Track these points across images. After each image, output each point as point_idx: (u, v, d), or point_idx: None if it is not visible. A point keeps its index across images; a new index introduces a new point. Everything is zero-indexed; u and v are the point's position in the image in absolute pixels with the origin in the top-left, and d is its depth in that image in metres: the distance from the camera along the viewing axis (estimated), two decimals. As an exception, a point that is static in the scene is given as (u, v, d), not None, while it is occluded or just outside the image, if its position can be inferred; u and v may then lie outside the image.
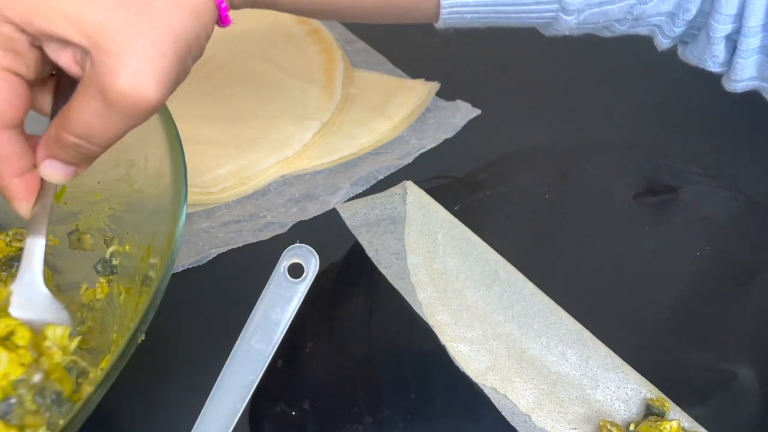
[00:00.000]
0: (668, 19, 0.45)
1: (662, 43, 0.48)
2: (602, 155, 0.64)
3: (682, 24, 0.45)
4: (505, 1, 0.43)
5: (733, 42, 0.45)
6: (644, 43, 0.51)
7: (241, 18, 0.74)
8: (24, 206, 0.39)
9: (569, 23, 0.44)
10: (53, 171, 0.38)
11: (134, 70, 0.34)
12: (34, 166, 0.39)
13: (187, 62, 0.38)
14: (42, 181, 0.39)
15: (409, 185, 0.54)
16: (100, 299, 0.47)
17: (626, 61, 0.49)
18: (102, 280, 0.48)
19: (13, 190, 0.39)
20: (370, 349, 0.50)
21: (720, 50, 0.46)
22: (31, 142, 0.39)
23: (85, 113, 0.36)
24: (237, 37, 0.73)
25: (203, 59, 0.70)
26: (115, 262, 0.48)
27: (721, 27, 0.44)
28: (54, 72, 0.39)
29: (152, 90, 0.35)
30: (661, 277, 0.56)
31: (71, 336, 0.42)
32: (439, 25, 0.45)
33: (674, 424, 0.44)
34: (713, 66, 0.47)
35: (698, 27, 0.46)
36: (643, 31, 0.47)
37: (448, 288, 0.51)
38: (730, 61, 0.47)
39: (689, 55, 0.48)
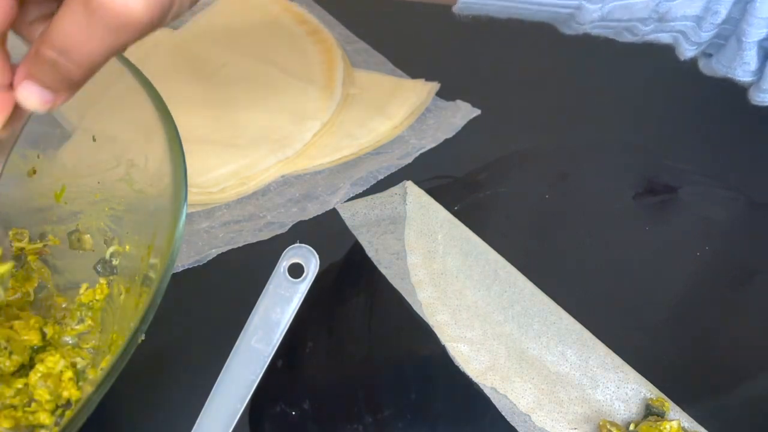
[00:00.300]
0: (694, 23, 0.44)
1: (686, 51, 0.46)
2: (602, 155, 0.64)
3: (710, 28, 0.44)
4: None
5: (764, 49, 0.44)
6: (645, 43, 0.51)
7: (242, 18, 0.75)
8: None
9: (592, 15, 0.43)
10: (29, 93, 0.36)
11: None
12: (11, 86, 0.37)
13: None
14: (16, 106, 0.37)
15: (409, 185, 0.55)
16: (100, 299, 0.47)
17: (626, 61, 0.49)
18: (102, 280, 0.48)
19: None
20: (370, 349, 0.50)
21: (751, 56, 0.44)
22: (14, 69, 0.37)
23: (66, 24, 0.34)
24: (237, 37, 0.73)
25: (203, 59, 0.71)
26: (115, 262, 0.48)
27: (756, 31, 0.43)
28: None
29: (136, 2, 0.33)
30: (661, 277, 0.56)
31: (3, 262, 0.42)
32: (457, 8, 0.43)
33: (674, 424, 0.44)
34: (743, 75, 0.46)
35: (725, 36, 0.45)
36: (665, 38, 0.45)
37: (448, 288, 0.51)
38: (761, 70, 0.45)
39: (716, 65, 0.46)
